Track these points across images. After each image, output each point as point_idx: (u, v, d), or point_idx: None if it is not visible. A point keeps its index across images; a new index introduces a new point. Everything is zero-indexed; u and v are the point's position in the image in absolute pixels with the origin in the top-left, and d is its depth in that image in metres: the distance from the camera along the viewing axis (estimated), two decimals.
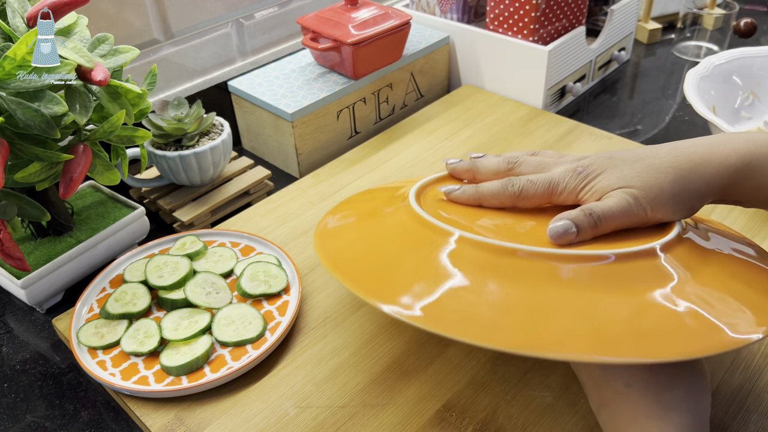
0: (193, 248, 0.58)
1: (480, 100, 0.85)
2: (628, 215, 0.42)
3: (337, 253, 0.44)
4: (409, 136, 0.78)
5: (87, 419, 0.49)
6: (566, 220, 0.42)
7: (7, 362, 0.54)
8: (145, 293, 0.54)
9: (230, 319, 0.52)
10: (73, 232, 0.61)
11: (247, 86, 0.77)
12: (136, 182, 0.68)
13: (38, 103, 0.45)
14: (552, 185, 0.45)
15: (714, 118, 0.67)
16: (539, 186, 0.45)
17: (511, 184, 0.46)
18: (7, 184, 0.50)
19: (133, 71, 0.72)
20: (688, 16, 0.98)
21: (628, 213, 0.42)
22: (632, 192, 0.42)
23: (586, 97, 0.90)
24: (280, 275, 0.55)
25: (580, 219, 0.42)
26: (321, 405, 0.47)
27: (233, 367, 0.48)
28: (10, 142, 0.47)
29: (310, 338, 0.52)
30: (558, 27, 0.83)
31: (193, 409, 0.47)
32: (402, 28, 0.77)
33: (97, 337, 0.51)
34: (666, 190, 0.42)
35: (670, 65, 0.97)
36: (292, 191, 0.70)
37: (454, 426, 0.45)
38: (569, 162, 0.46)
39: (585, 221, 0.42)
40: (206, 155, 0.66)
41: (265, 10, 0.85)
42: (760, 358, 0.49)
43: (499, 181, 0.47)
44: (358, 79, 0.77)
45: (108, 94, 0.50)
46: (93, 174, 0.53)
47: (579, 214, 0.42)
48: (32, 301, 0.57)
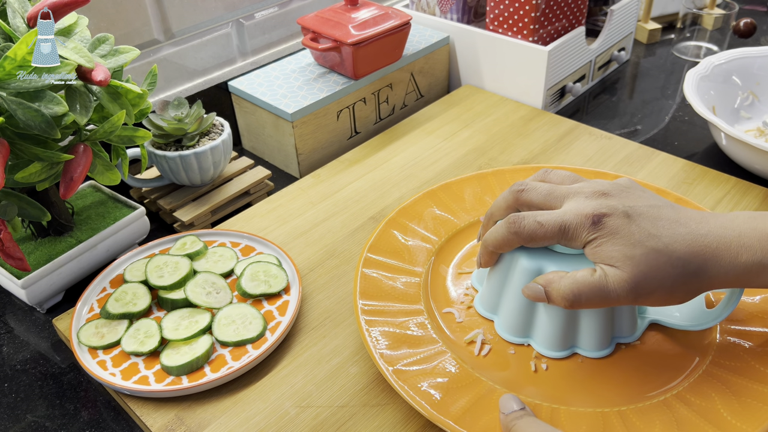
0: (193, 248, 0.58)
1: (480, 100, 0.85)
2: (608, 303, 0.41)
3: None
4: (409, 136, 0.78)
5: (87, 419, 0.49)
6: (542, 289, 0.43)
7: (8, 362, 0.54)
8: (146, 293, 0.54)
9: (230, 319, 0.52)
10: (74, 232, 0.61)
11: (248, 86, 0.77)
12: (136, 182, 0.68)
13: (38, 103, 0.45)
14: (562, 230, 0.42)
15: (714, 118, 0.67)
16: (549, 229, 0.42)
17: (516, 226, 0.43)
18: (8, 184, 0.50)
19: (133, 71, 0.72)
20: (688, 17, 0.98)
21: (610, 302, 0.41)
22: (628, 284, 0.40)
23: (586, 97, 0.90)
24: (281, 275, 0.55)
25: (557, 297, 0.42)
26: (321, 405, 0.47)
27: (233, 366, 0.48)
28: (11, 142, 0.47)
29: (310, 338, 0.52)
30: (558, 27, 0.83)
31: (194, 409, 0.47)
32: (402, 29, 0.77)
33: (97, 337, 0.51)
34: (666, 286, 0.40)
35: (669, 65, 0.97)
36: (292, 191, 0.70)
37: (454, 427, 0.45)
38: (585, 195, 0.43)
39: (560, 301, 0.42)
40: (206, 155, 0.66)
41: (266, 11, 0.85)
42: None
43: (501, 225, 0.44)
44: (358, 79, 0.77)
45: (108, 94, 0.50)
46: (93, 174, 0.53)
47: (554, 287, 0.42)
48: (32, 301, 0.57)
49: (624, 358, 0.47)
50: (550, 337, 0.47)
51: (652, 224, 0.41)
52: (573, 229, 0.42)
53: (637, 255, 0.40)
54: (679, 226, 0.41)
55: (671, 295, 0.41)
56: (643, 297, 0.41)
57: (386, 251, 0.56)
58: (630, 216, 0.41)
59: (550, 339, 0.47)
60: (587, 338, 0.46)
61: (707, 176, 0.68)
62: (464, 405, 0.43)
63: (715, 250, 0.40)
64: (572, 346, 0.47)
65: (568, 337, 0.47)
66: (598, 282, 0.41)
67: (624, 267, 0.40)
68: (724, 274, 0.40)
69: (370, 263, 0.54)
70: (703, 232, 0.41)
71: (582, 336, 0.47)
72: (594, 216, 0.41)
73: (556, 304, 0.43)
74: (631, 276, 0.40)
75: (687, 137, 0.79)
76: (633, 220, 0.41)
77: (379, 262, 0.55)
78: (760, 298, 0.47)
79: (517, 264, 0.46)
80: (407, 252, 0.57)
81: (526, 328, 0.48)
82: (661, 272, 0.40)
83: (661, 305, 0.42)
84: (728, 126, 0.66)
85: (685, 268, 0.40)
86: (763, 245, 0.40)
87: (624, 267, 0.40)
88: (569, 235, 0.42)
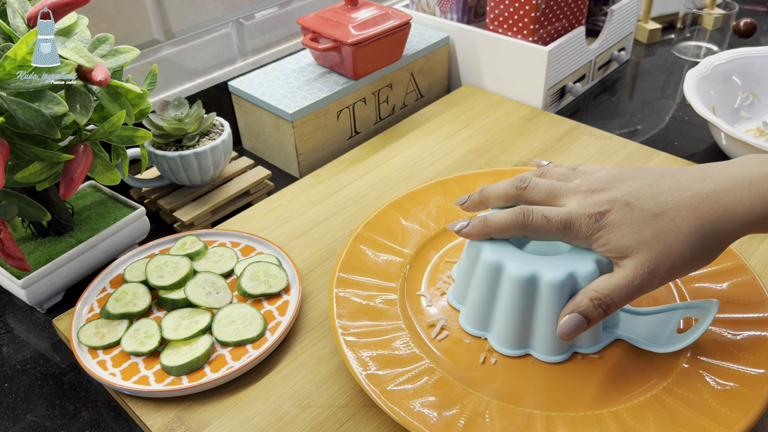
0: (193, 248, 0.58)
1: (480, 100, 0.85)
2: (640, 292, 0.40)
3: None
4: (409, 136, 0.78)
5: (87, 419, 0.49)
6: (575, 314, 0.41)
7: (8, 362, 0.54)
8: (146, 293, 0.54)
9: (230, 319, 0.52)
10: (74, 232, 0.61)
11: (248, 86, 0.77)
12: (136, 182, 0.68)
13: (39, 103, 0.45)
14: (567, 228, 0.42)
15: (714, 118, 0.67)
16: (554, 225, 0.43)
17: (523, 217, 0.44)
18: (8, 184, 0.50)
19: (133, 71, 0.72)
20: (688, 16, 0.98)
21: (641, 290, 0.40)
22: (647, 267, 0.40)
23: (586, 97, 0.90)
24: (281, 275, 0.55)
25: (589, 310, 0.41)
26: (321, 405, 0.47)
27: (233, 366, 0.48)
28: (11, 142, 0.47)
29: (310, 338, 0.52)
30: (558, 27, 0.83)
31: (194, 409, 0.47)
32: (402, 29, 0.77)
33: (97, 337, 0.51)
34: (685, 255, 0.40)
35: (669, 65, 0.97)
36: (292, 191, 0.70)
37: None
38: (584, 193, 0.43)
39: (595, 313, 0.41)
40: (206, 155, 0.66)
41: (266, 11, 0.85)
42: None
43: (509, 212, 0.44)
44: (358, 79, 0.77)
45: (108, 94, 0.50)
46: (93, 174, 0.53)
47: (589, 305, 0.41)
48: (33, 301, 0.57)
49: (577, 367, 0.46)
50: (505, 334, 0.47)
51: (653, 202, 0.41)
52: (576, 228, 0.42)
53: (647, 238, 0.40)
54: (681, 192, 0.41)
55: (694, 261, 0.40)
56: (669, 274, 0.40)
57: (381, 231, 0.58)
58: (630, 204, 0.41)
59: (504, 336, 0.47)
60: (542, 341, 0.46)
61: None
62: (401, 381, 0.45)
63: (726, 205, 0.39)
64: (527, 346, 0.47)
65: (522, 337, 0.47)
66: (621, 281, 0.40)
67: (638, 254, 0.40)
68: (741, 226, 0.39)
69: (362, 238, 0.56)
70: (709, 190, 0.40)
71: (537, 338, 0.46)
72: (596, 215, 0.42)
73: (595, 319, 0.42)
74: (649, 259, 0.40)
75: (687, 137, 0.79)
76: (634, 206, 0.41)
77: (372, 238, 0.57)
78: (743, 337, 0.46)
79: (480, 258, 0.47)
80: (401, 233, 0.58)
81: (484, 322, 0.48)
82: (676, 245, 0.39)
83: (691, 272, 0.41)
84: (728, 126, 0.66)
85: (699, 232, 0.39)
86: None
87: (638, 254, 0.40)
88: (573, 233, 0.42)
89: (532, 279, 0.44)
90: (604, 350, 0.47)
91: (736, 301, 0.49)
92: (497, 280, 0.46)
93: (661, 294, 0.51)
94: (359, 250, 0.56)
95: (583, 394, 0.44)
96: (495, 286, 0.46)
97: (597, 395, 0.44)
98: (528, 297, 0.45)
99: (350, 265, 0.54)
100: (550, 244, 0.49)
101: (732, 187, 0.39)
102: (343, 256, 0.55)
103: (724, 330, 0.47)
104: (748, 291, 0.49)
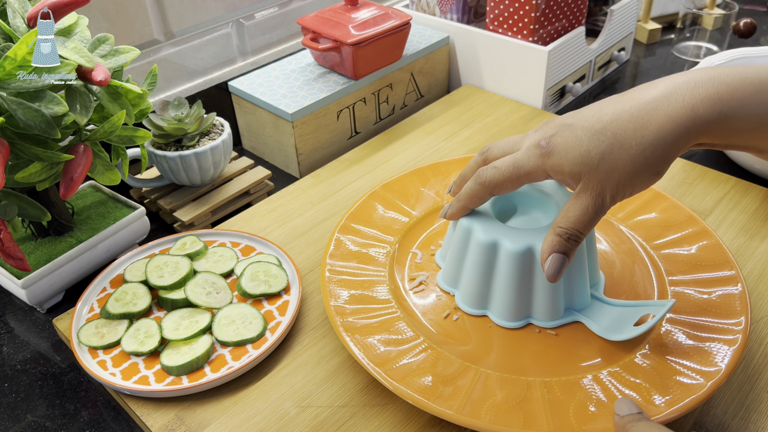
0: (193, 248, 0.58)
1: (480, 100, 0.85)
2: (598, 215, 0.41)
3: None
4: (409, 136, 0.78)
5: (87, 419, 0.49)
6: (554, 253, 0.42)
7: (8, 362, 0.54)
8: (146, 293, 0.54)
9: (230, 319, 0.52)
10: (74, 232, 0.61)
11: (248, 86, 0.77)
12: (136, 182, 0.68)
13: (39, 103, 0.45)
14: (517, 167, 0.43)
15: None
16: (504, 171, 0.43)
17: (478, 177, 0.45)
18: (8, 184, 0.50)
19: (133, 71, 0.72)
20: (688, 17, 0.98)
21: (599, 212, 0.41)
22: (595, 190, 0.40)
23: (586, 98, 0.90)
24: (281, 275, 0.56)
25: (563, 245, 0.42)
26: (321, 405, 0.47)
27: (233, 366, 0.49)
28: (11, 142, 0.47)
29: (310, 338, 0.52)
30: (558, 27, 0.83)
31: (194, 409, 0.47)
32: (402, 29, 0.77)
33: (97, 337, 0.51)
34: (629, 170, 0.39)
35: (669, 65, 0.97)
36: (292, 191, 0.70)
37: (454, 426, 0.45)
38: (534, 132, 0.43)
39: (568, 245, 0.42)
40: (206, 155, 0.66)
41: (266, 11, 0.85)
42: (760, 358, 0.49)
43: (471, 180, 0.46)
44: (358, 79, 0.77)
45: (108, 95, 0.50)
46: (93, 174, 0.53)
47: (558, 240, 0.42)
48: (33, 301, 0.57)
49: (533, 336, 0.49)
50: (506, 307, 0.49)
51: (595, 118, 0.40)
52: (525, 162, 0.42)
53: (595, 159, 0.39)
54: (623, 103, 0.39)
55: (640, 176, 0.39)
56: (617, 191, 0.39)
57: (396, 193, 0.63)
58: (573, 125, 0.40)
59: (505, 310, 0.49)
60: (542, 308, 0.48)
61: (707, 176, 0.68)
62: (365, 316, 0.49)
63: (668, 111, 0.37)
64: (527, 317, 0.50)
65: (523, 309, 0.49)
66: (577, 210, 0.40)
67: (588, 178, 0.39)
68: (686, 133, 0.37)
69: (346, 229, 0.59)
70: (650, 97, 0.38)
71: (537, 307, 0.49)
72: (541, 141, 0.41)
73: (572, 250, 0.42)
74: (596, 182, 0.39)
75: None
76: (576, 126, 0.40)
77: (356, 229, 0.59)
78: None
79: (472, 238, 0.48)
80: (414, 197, 0.62)
81: (483, 300, 0.50)
82: (620, 162, 0.38)
83: (641, 189, 0.40)
84: None
85: (641, 144, 0.38)
86: (719, 92, 0.36)
87: (588, 178, 0.39)
88: (524, 170, 0.42)
89: (528, 251, 0.46)
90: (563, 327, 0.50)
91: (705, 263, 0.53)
92: (493, 258, 0.47)
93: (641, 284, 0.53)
94: (371, 205, 0.60)
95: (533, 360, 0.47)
96: (491, 264, 0.48)
97: (539, 363, 0.47)
98: (525, 269, 0.47)
99: (357, 216, 0.59)
100: (533, 219, 0.51)
101: (675, 92, 0.38)
102: (354, 209, 0.59)
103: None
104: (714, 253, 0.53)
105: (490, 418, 0.41)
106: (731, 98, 0.36)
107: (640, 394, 0.42)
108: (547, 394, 0.43)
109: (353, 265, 0.54)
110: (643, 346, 0.46)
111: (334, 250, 0.55)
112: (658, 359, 0.45)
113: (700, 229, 0.55)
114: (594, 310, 0.50)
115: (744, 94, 0.36)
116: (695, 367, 0.44)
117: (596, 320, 0.49)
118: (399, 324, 0.49)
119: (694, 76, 0.38)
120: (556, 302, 0.48)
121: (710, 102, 0.36)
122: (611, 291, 0.52)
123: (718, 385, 0.42)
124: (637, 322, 0.47)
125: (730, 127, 0.37)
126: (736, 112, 0.36)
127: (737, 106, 0.36)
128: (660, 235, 0.56)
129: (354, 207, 0.60)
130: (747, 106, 0.36)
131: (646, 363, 0.45)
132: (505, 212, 0.52)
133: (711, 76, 0.37)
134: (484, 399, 0.43)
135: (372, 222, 0.59)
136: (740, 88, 0.37)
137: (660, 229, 0.57)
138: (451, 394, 0.43)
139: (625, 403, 0.40)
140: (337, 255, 0.55)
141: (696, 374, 0.43)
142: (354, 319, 0.49)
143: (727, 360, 0.43)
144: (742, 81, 0.37)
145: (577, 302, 0.50)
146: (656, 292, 0.51)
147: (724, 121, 0.37)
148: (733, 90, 0.36)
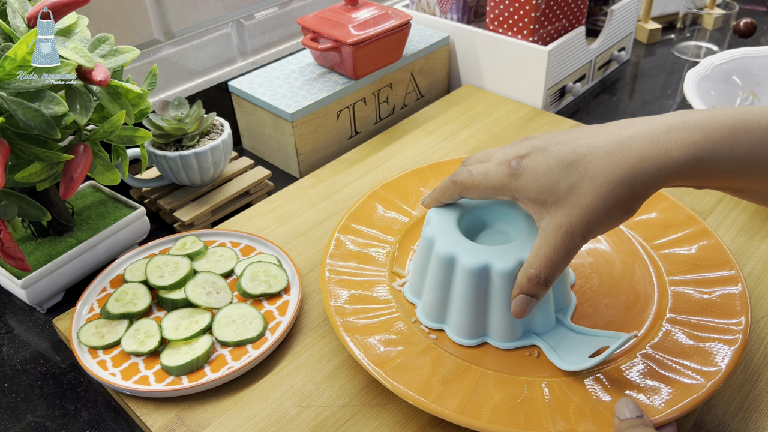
0: (193, 248, 0.58)
1: (480, 100, 0.85)
2: (570, 255, 0.40)
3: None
4: (409, 136, 0.78)
5: (87, 419, 0.49)
6: (521, 295, 0.42)
7: (8, 362, 0.54)
8: (146, 293, 0.54)
9: (230, 319, 0.52)
10: (74, 232, 0.61)
11: (248, 86, 0.77)
12: (136, 182, 0.68)
13: (39, 103, 0.45)
14: (486, 177, 0.43)
15: None
16: (476, 176, 0.44)
17: (454, 175, 0.46)
18: (8, 184, 0.50)
19: (133, 71, 0.72)
20: (688, 16, 0.98)
21: (569, 253, 0.40)
22: (564, 228, 0.39)
23: (586, 97, 0.90)
24: (281, 275, 0.56)
25: (532, 289, 0.42)
26: (321, 405, 0.47)
27: (233, 366, 0.48)
28: (11, 142, 0.47)
29: (310, 338, 0.52)
30: (558, 27, 0.83)
31: (194, 409, 0.47)
32: (402, 28, 0.77)
33: (97, 337, 0.51)
34: (599, 209, 0.38)
35: (670, 65, 0.97)
36: (292, 191, 0.70)
37: (454, 426, 0.45)
38: (510, 146, 0.44)
39: (537, 289, 0.42)
40: (206, 155, 0.66)
41: (266, 11, 0.85)
42: (760, 358, 0.49)
43: (449, 176, 0.47)
44: (358, 79, 0.77)
45: (108, 95, 0.50)
46: (93, 174, 0.53)
47: (526, 284, 0.42)
48: (33, 301, 0.57)
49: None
50: (460, 324, 0.48)
51: (569, 148, 0.40)
52: (494, 177, 0.42)
53: (562, 191, 0.39)
54: (598, 138, 0.39)
55: (610, 215, 0.38)
56: (587, 230, 0.39)
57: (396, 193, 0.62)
58: (546, 150, 0.40)
59: (460, 327, 0.48)
60: (497, 329, 0.48)
61: None
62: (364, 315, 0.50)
63: (641, 151, 0.37)
64: (483, 335, 0.49)
65: (478, 327, 0.48)
66: (548, 251, 0.40)
67: (554, 212, 0.39)
68: (658, 174, 0.37)
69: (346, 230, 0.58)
70: (626, 136, 0.38)
71: (492, 326, 0.48)
72: (514, 159, 0.41)
73: (541, 293, 0.42)
74: (565, 219, 0.39)
75: None
76: (549, 153, 0.40)
77: (356, 229, 0.59)
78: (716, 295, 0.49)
79: (433, 250, 0.48)
80: (415, 196, 0.62)
81: (441, 315, 0.50)
82: (589, 199, 0.38)
83: (612, 226, 0.40)
84: None
85: (612, 182, 0.37)
86: (694, 138, 0.37)
87: (554, 212, 0.39)
88: (491, 182, 0.43)
89: (484, 269, 0.45)
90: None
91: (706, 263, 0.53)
92: (451, 272, 0.47)
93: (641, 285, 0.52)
94: (371, 205, 0.61)
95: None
96: (449, 278, 0.47)
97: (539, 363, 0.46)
98: (481, 287, 0.46)
99: (357, 216, 0.59)
100: (503, 235, 0.50)
101: (649, 134, 0.38)
102: (354, 209, 0.60)
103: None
104: (715, 253, 0.53)
105: (490, 418, 0.41)
106: (705, 142, 0.37)
107: (640, 394, 0.42)
108: (547, 394, 0.43)
109: (353, 265, 0.55)
110: (644, 346, 0.46)
111: (334, 250, 0.55)
112: (658, 359, 0.45)
113: (700, 229, 0.55)
114: (555, 334, 0.49)
115: (718, 137, 0.37)
116: (695, 367, 0.44)
117: (554, 345, 0.47)
118: (399, 324, 0.49)
119: (669, 120, 0.39)
120: (512, 324, 0.47)
121: (684, 146, 0.37)
122: (611, 291, 0.52)
123: (718, 385, 0.42)
124: (596, 352, 0.45)
125: (704, 169, 0.38)
126: (711, 155, 0.37)
127: (711, 149, 0.37)
128: (660, 234, 0.56)
129: (354, 207, 0.60)
130: (721, 150, 0.37)
131: (646, 363, 0.45)
132: (475, 227, 0.51)
133: (686, 120, 0.38)
134: (484, 399, 0.43)
135: (372, 222, 0.59)
136: (714, 131, 0.37)
137: (660, 228, 0.57)
138: (451, 394, 0.43)
139: (626, 405, 0.39)
140: (337, 255, 0.55)
141: (696, 374, 0.43)
142: (354, 319, 0.49)
143: (728, 360, 0.43)
144: (715, 124, 0.37)
145: (538, 326, 0.48)
146: (656, 292, 0.51)
147: (699, 164, 0.37)
148: (707, 134, 0.37)
